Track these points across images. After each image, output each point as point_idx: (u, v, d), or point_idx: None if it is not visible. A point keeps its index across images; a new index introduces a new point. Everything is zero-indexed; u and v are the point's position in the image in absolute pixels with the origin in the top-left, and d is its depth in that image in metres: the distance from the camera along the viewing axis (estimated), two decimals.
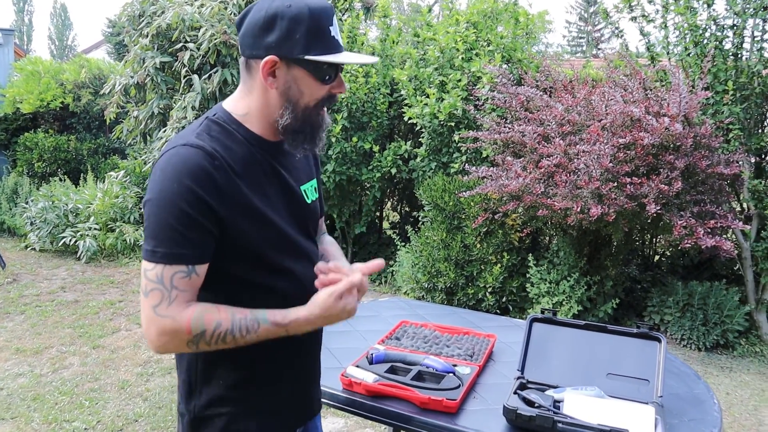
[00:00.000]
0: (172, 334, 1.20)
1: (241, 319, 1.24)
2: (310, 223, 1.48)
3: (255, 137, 1.34)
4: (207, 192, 1.20)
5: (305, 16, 1.25)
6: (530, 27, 5.92)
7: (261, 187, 1.32)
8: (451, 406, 1.71)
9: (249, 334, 1.24)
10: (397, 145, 6.06)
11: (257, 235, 1.30)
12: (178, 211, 1.19)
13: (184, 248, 1.21)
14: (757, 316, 4.91)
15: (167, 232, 1.20)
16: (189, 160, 1.21)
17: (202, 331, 1.21)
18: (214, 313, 1.23)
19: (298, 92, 1.29)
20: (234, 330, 1.23)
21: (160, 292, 1.20)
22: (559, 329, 1.98)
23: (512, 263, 5.14)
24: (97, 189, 7.79)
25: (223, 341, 1.23)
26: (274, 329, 1.27)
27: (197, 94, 5.90)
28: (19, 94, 9.95)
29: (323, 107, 1.34)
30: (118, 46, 15.88)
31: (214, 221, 1.23)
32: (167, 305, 1.20)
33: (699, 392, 1.96)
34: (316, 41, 1.26)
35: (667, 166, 3.97)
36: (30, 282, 6.27)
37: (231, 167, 1.26)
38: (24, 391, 3.85)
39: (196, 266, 1.23)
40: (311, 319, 1.29)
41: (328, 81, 1.31)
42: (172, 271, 1.20)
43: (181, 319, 1.20)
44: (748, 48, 4.86)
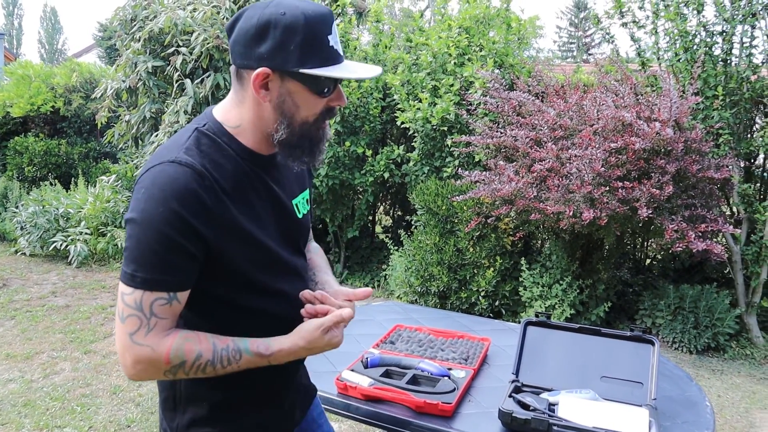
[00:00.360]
0: (148, 363, 1.14)
1: (223, 350, 1.18)
2: (301, 238, 1.43)
3: (247, 151, 1.26)
4: (194, 216, 1.13)
5: (300, 25, 1.15)
6: (522, 32, 5.95)
7: (251, 205, 1.26)
8: (446, 409, 1.71)
9: (230, 365, 1.19)
10: (390, 150, 6.07)
11: (245, 257, 1.23)
12: (163, 237, 1.11)
13: (167, 274, 1.13)
14: (748, 319, 4.94)
15: (149, 256, 1.12)
16: (176, 182, 1.12)
17: (181, 362, 1.15)
18: (195, 343, 1.17)
19: (294, 106, 1.21)
20: (215, 361, 1.17)
21: (138, 319, 1.13)
22: (553, 332, 1.99)
23: (505, 267, 5.15)
24: (88, 193, 7.75)
25: (203, 372, 1.18)
26: (256, 360, 1.22)
27: (189, 98, 5.89)
28: (9, 98, 9.89)
29: (323, 121, 1.26)
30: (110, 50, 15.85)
31: (200, 246, 1.15)
32: (145, 333, 1.13)
33: (692, 395, 1.97)
34: (313, 52, 1.17)
35: (658, 171, 4.00)
36: (20, 287, 6.22)
37: (220, 186, 1.18)
38: (14, 396, 3.82)
39: (178, 293, 1.16)
40: (294, 350, 1.24)
41: (327, 94, 1.22)
42: (152, 298, 1.13)
43: (160, 349, 1.13)
44: (737, 54, 4.91)
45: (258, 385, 1.34)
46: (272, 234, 1.30)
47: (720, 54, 4.85)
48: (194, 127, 1.26)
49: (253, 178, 1.27)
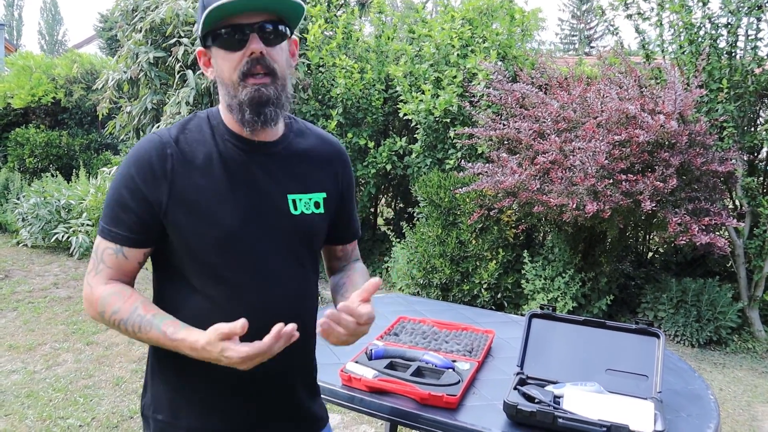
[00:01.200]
0: (87, 302, 1.27)
1: (139, 316, 1.21)
2: (295, 236, 1.34)
3: (232, 134, 1.31)
4: (144, 180, 1.24)
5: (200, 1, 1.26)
6: (525, 24, 5.92)
7: (221, 185, 1.26)
8: (451, 401, 1.71)
9: (140, 333, 1.21)
10: (392, 142, 6.05)
11: (197, 233, 1.25)
12: (117, 194, 1.26)
13: (117, 228, 1.26)
14: (750, 312, 4.94)
15: (107, 209, 1.28)
16: (141, 148, 1.27)
17: (102, 310, 1.24)
18: (119, 299, 1.24)
19: (220, 70, 1.26)
20: (128, 322, 1.22)
21: (93, 262, 1.28)
22: (558, 325, 1.98)
23: (507, 259, 5.14)
24: (90, 185, 7.74)
25: (118, 329, 1.24)
26: (161, 338, 1.19)
27: (191, 89, 5.86)
28: (10, 89, 9.87)
29: (248, 76, 1.23)
30: (110, 41, 15.80)
31: (148, 210, 1.24)
32: (93, 275, 1.28)
33: (696, 388, 1.97)
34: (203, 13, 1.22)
35: (662, 164, 3.98)
36: (22, 278, 6.23)
37: (187, 160, 1.26)
38: (17, 388, 3.82)
39: (125, 248, 1.26)
40: (195, 345, 1.15)
41: (238, 46, 1.22)
42: (104, 246, 1.27)
43: (95, 292, 1.26)
44: (742, 46, 4.89)
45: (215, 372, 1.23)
46: (242, 219, 1.27)
47: (725, 47, 4.83)
48: (196, 111, 1.38)
49: (234, 161, 1.29)
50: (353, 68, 5.97)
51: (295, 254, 1.35)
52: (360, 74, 6.04)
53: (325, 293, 5.10)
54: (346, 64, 5.95)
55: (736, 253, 4.90)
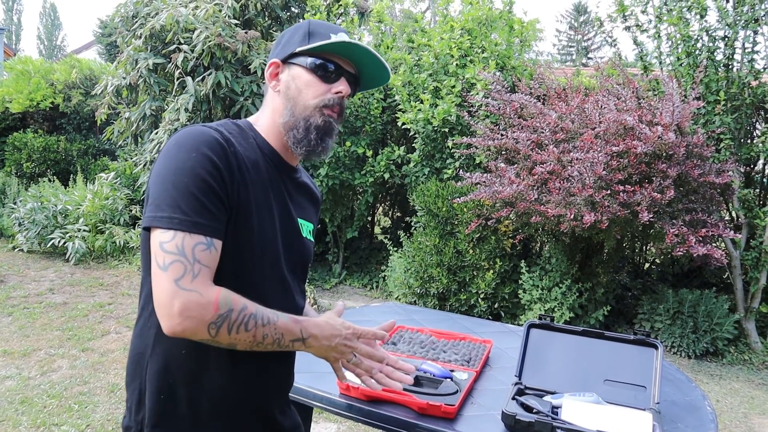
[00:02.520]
0: (197, 309, 1.08)
1: (263, 308, 1.16)
2: (303, 258, 1.40)
3: (269, 148, 1.33)
4: (224, 165, 1.16)
5: (305, 25, 1.32)
6: (524, 35, 5.95)
7: (266, 196, 1.27)
8: (449, 411, 1.70)
9: (269, 324, 1.15)
10: (391, 150, 6.06)
11: (242, 236, 1.21)
12: (198, 179, 1.12)
13: (204, 218, 1.12)
14: (746, 324, 4.94)
15: (187, 198, 1.11)
16: (206, 134, 1.17)
17: (229, 309, 1.10)
18: (239, 296, 1.14)
19: (297, 89, 1.29)
20: (257, 315, 1.14)
21: (183, 265, 1.09)
22: (556, 335, 1.98)
23: (505, 269, 5.15)
24: (87, 190, 7.73)
25: (246, 328, 1.12)
26: (291, 324, 1.20)
27: (190, 96, 5.87)
28: (9, 93, 9.87)
29: (326, 108, 1.30)
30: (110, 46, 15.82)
31: (227, 197, 1.16)
32: (191, 279, 1.09)
33: (694, 399, 1.97)
34: (313, 39, 1.30)
35: (659, 175, 3.99)
36: (17, 283, 6.20)
37: (244, 161, 1.22)
38: (11, 394, 3.80)
39: (215, 240, 1.14)
40: (320, 325, 1.25)
41: (330, 80, 1.31)
42: (193, 242, 1.10)
43: (209, 294, 1.09)
44: (739, 59, 4.92)
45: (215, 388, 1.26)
46: (277, 233, 1.29)
47: (722, 59, 4.86)
48: (227, 119, 1.37)
49: (271, 175, 1.31)
50: None
51: (300, 275, 1.42)
52: None
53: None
54: None
55: (733, 265, 4.91)
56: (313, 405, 1.87)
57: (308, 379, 1.86)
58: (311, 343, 1.24)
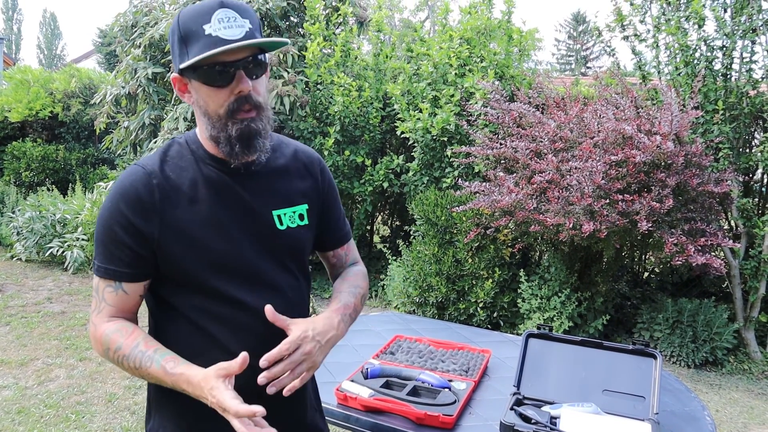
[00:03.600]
0: (93, 340, 1.28)
1: (140, 351, 1.21)
2: (285, 250, 1.37)
3: (212, 157, 1.30)
4: (135, 213, 1.23)
5: (176, 26, 1.22)
6: (523, 44, 5.97)
7: (210, 210, 1.27)
8: (447, 422, 1.69)
9: (141, 369, 1.21)
10: (390, 159, 6.07)
11: (192, 260, 1.24)
12: (108, 230, 1.25)
13: (113, 264, 1.25)
14: (746, 333, 4.93)
15: (100, 247, 1.27)
16: (125, 180, 1.25)
17: (106, 348, 1.25)
18: (123, 336, 1.24)
19: (204, 102, 1.24)
20: (129, 358, 1.22)
21: (96, 301, 1.29)
22: (555, 345, 1.98)
23: (504, 278, 5.14)
24: (86, 199, 7.73)
25: (122, 365, 1.24)
26: (161, 374, 1.19)
27: (189, 105, 5.88)
28: (8, 102, 9.89)
29: (237, 112, 1.23)
30: (109, 56, 15.87)
31: (141, 242, 1.23)
32: (97, 314, 1.28)
33: (692, 409, 1.96)
34: (189, 46, 1.19)
35: (658, 184, 4.00)
36: (15, 293, 6.19)
37: (173, 186, 1.25)
38: (9, 404, 3.78)
39: (124, 284, 1.26)
40: (192, 381, 1.16)
41: (226, 83, 1.20)
42: (104, 285, 1.27)
43: (99, 330, 1.26)
44: (737, 69, 4.94)
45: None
46: (234, 240, 1.28)
47: (720, 69, 4.87)
48: (173, 138, 1.37)
49: (219, 184, 1.29)
50: (351, 86, 6.00)
51: (286, 267, 1.38)
52: (358, 92, 6.07)
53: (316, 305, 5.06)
54: (344, 81, 5.98)
55: (732, 274, 4.91)
56: None
57: None
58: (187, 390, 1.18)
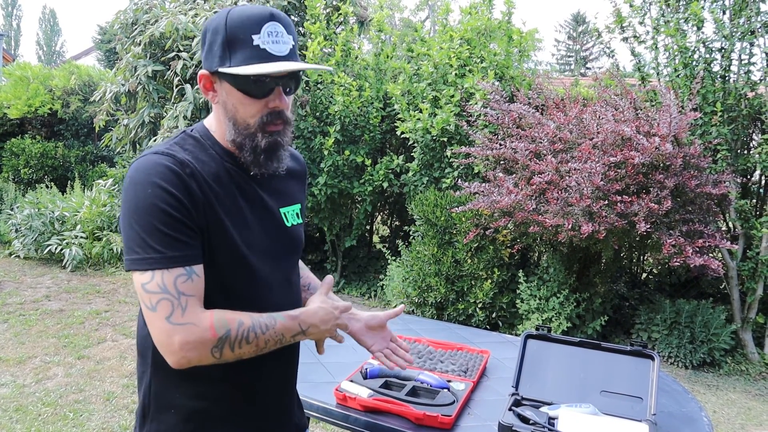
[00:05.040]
0: (196, 340, 1.11)
1: (258, 317, 1.19)
2: (292, 248, 1.40)
3: (228, 153, 1.28)
4: (181, 192, 1.14)
5: (222, 27, 1.18)
6: (523, 45, 5.98)
7: (235, 205, 1.25)
8: (446, 422, 1.70)
9: (269, 331, 1.19)
10: (390, 160, 6.07)
11: (221, 255, 1.21)
12: (160, 213, 1.12)
13: (177, 250, 1.13)
14: (743, 334, 4.95)
15: (155, 236, 1.12)
16: (158, 164, 1.15)
17: (227, 331, 1.13)
18: (232, 313, 1.16)
19: (233, 107, 1.22)
20: (255, 327, 1.17)
21: (169, 302, 1.11)
22: (553, 346, 1.98)
23: (502, 279, 5.15)
24: (85, 197, 7.73)
25: (247, 341, 1.16)
26: (289, 323, 1.23)
27: (189, 103, 5.88)
28: (7, 99, 9.88)
29: (268, 125, 1.23)
30: (109, 53, 15.84)
31: (194, 219, 1.16)
32: (181, 313, 1.11)
33: (690, 410, 1.97)
34: (234, 52, 1.17)
35: (657, 185, 4.01)
36: (14, 290, 6.19)
37: (204, 179, 1.20)
38: (6, 401, 3.78)
39: (194, 267, 1.15)
40: (313, 310, 1.31)
41: (263, 96, 1.21)
42: (173, 276, 1.12)
43: (203, 323, 1.12)
44: (736, 70, 4.95)
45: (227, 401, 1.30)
46: (257, 238, 1.28)
47: (719, 70, 4.89)
48: (182, 130, 1.31)
49: (237, 179, 1.27)
50: (351, 86, 6.01)
51: (292, 264, 1.41)
52: (358, 92, 6.07)
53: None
54: (344, 81, 5.99)
55: (730, 275, 4.92)
56: (309, 415, 1.86)
57: (305, 389, 1.86)
58: (311, 331, 1.30)
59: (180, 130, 1.30)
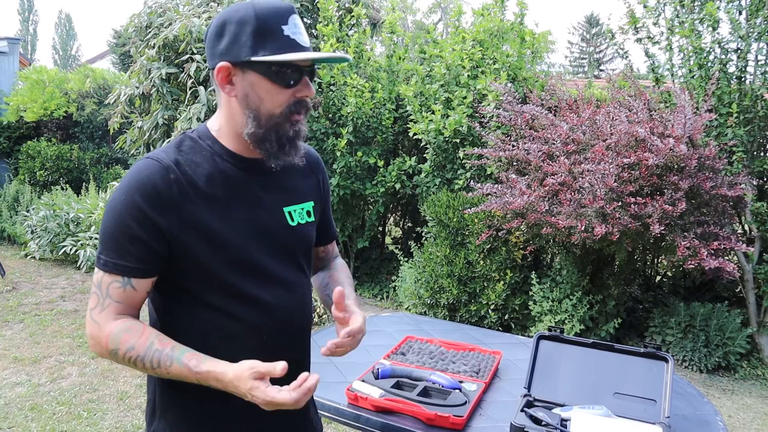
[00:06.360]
0: (95, 340, 1.22)
1: (157, 351, 1.18)
2: (296, 247, 1.38)
3: (228, 153, 1.28)
4: (152, 207, 1.18)
5: (251, 17, 1.19)
6: (536, 46, 5.96)
7: (226, 205, 1.26)
8: (457, 423, 1.70)
9: (160, 368, 1.18)
10: (402, 161, 6.07)
11: (210, 256, 1.22)
12: (121, 224, 1.19)
13: (123, 260, 1.20)
14: (759, 338, 4.89)
15: (109, 241, 1.20)
16: (141, 173, 1.20)
17: (115, 348, 1.19)
18: (134, 335, 1.19)
19: (257, 98, 1.22)
20: (145, 359, 1.18)
21: (97, 297, 1.22)
22: (566, 347, 1.97)
23: (515, 281, 5.13)
24: (99, 199, 7.79)
25: (134, 365, 1.19)
26: (184, 372, 1.17)
27: (203, 105, 5.92)
28: (23, 102, 10.00)
29: (293, 114, 1.25)
30: (123, 56, 15.98)
31: (157, 237, 1.19)
32: (99, 311, 1.21)
33: (705, 413, 1.95)
34: (265, 41, 1.19)
35: (671, 187, 3.97)
36: (29, 291, 6.25)
37: (190, 182, 1.22)
38: (22, 400, 3.82)
39: (133, 279, 1.21)
40: (221, 378, 1.15)
41: (291, 85, 1.23)
42: (110, 280, 1.21)
43: (105, 329, 1.20)
44: (752, 71, 4.89)
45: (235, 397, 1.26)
46: (250, 236, 1.28)
47: (734, 71, 4.84)
48: (183, 132, 1.35)
49: (234, 179, 1.28)
50: (364, 87, 6.01)
51: (297, 264, 1.39)
52: (371, 93, 6.08)
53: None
54: (357, 83, 5.99)
55: (746, 279, 4.87)
56: (320, 415, 1.86)
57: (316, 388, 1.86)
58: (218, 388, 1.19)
59: (181, 132, 1.33)
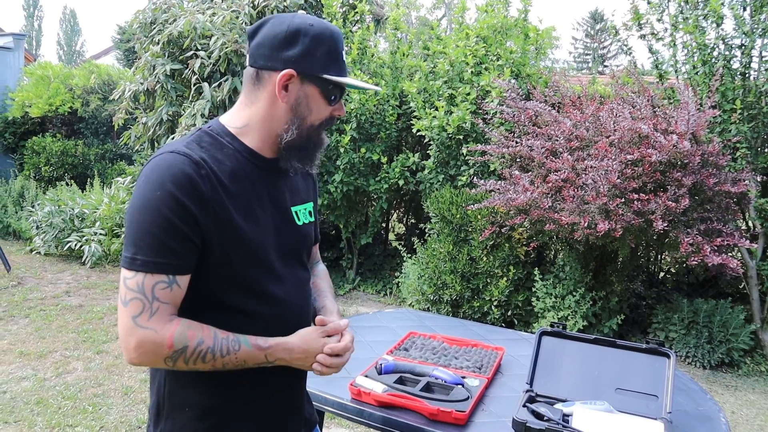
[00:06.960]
0: (151, 347, 1.15)
1: (223, 339, 1.20)
2: (302, 247, 1.43)
3: (249, 151, 1.30)
4: (191, 200, 1.16)
5: (327, 37, 1.27)
6: (539, 42, 5.95)
7: (248, 203, 1.27)
8: (460, 418, 1.71)
9: (229, 355, 1.20)
10: (405, 157, 6.08)
11: (237, 253, 1.24)
12: (161, 219, 1.14)
13: (166, 257, 1.15)
14: (763, 335, 4.89)
15: (148, 239, 1.15)
16: (173, 167, 1.17)
17: (184, 347, 1.16)
18: (197, 329, 1.18)
19: (307, 109, 1.29)
20: (215, 348, 1.18)
21: (141, 303, 1.15)
22: (568, 343, 1.98)
23: (518, 277, 5.13)
24: (104, 194, 7.82)
25: (203, 360, 1.18)
26: (254, 352, 1.22)
27: (207, 101, 5.93)
28: (29, 98, 10.02)
29: (325, 127, 1.35)
30: (128, 52, 15.99)
31: (197, 230, 1.17)
32: (149, 317, 1.15)
33: (707, 409, 1.96)
34: (333, 62, 1.28)
35: (674, 183, 3.97)
36: (34, 286, 6.28)
37: (218, 178, 1.22)
38: (27, 394, 3.85)
39: (178, 277, 1.17)
40: (290, 346, 1.27)
41: (333, 102, 1.32)
42: (154, 281, 1.15)
43: (164, 332, 1.15)
44: (756, 68, 4.88)
45: (241, 398, 1.31)
46: (268, 235, 1.31)
47: (738, 67, 4.83)
48: (199, 128, 1.33)
49: (253, 177, 1.30)
50: (369, 82, 6.00)
51: (301, 261, 1.44)
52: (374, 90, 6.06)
53: None
54: (360, 79, 6.00)
55: (749, 275, 4.87)
56: (324, 410, 1.88)
57: (320, 383, 1.88)
58: (279, 363, 1.29)
59: (197, 128, 1.33)
